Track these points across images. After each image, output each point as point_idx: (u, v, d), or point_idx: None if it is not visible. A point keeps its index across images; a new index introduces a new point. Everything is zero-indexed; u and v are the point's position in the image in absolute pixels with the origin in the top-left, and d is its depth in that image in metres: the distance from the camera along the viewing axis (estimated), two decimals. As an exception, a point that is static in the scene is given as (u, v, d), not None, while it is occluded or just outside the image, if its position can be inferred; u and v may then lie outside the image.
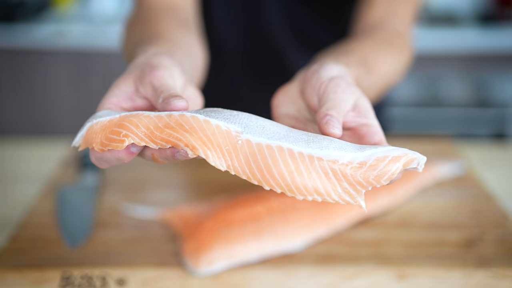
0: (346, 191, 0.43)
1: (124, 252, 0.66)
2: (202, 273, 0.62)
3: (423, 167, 0.45)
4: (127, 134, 0.45)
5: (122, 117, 0.47)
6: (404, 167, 0.44)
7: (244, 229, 0.66)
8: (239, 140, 0.44)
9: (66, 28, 2.01)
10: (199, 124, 0.44)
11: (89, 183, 0.80)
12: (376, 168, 0.43)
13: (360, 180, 0.43)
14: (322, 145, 0.44)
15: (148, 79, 0.49)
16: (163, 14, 0.70)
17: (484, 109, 2.02)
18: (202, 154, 0.44)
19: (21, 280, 0.62)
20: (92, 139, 0.47)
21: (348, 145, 0.44)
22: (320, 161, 0.43)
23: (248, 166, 0.44)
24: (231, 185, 0.82)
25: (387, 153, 0.44)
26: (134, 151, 0.46)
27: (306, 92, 0.51)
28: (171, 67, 0.50)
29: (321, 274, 0.63)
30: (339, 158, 0.43)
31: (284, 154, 0.44)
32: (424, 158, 0.45)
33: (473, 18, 2.11)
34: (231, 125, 0.45)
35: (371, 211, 0.73)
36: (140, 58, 0.53)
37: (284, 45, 0.92)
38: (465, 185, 0.83)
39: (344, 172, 0.43)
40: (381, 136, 0.49)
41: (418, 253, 0.67)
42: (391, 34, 0.72)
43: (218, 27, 0.92)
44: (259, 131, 0.45)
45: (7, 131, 2.06)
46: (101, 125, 0.47)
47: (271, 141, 0.44)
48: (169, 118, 0.45)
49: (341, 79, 0.50)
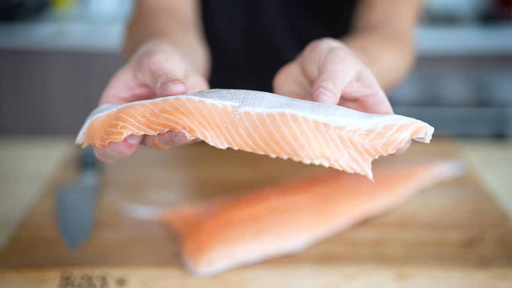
0: (353, 159, 0.42)
1: (124, 252, 0.66)
2: (202, 273, 0.62)
3: (431, 138, 0.44)
4: (124, 125, 0.45)
5: (119, 110, 0.46)
6: (412, 136, 0.43)
7: (244, 229, 0.66)
8: (236, 115, 0.43)
9: (66, 28, 2.01)
10: (194, 105, 0.44)
11: (89, 183, 0.80)
12: (384, 136, 0.42)
13: (368, 147, 0.42)
14: (328, 111, 0.43)
15: (146, 64, 0.48)
16: (163, 15, 0.69)
17: (484, 109, 2.02)
18: (200, 135, 0.43)
19: (21, 280, 0.62)
20: (93, 136, 0.47)
21: (355, 113, 0.43)
22: (327, 127, 0.42)
23: (250, 137, 0.43)
24: (231, 185, 0.82)
25: (395, 121, 0.43)
26: (133, 143, 0.46)
27: (307, 66, 0.50)
28: (170, 52, 0.49)
29: (321, 274, 0.63)
30: (347, 125, 0.42)
31: (287, 120, 0.42)
32: (432, 128, 0.44)
33: (473, 18, 2.11)
34: (227, 102, 0.44)
35: (371, 211, 0.73)
36: (141, 48, 0.52)
37: (284, 46, 0.92)
38: (465, 185, 0.83)
39: (352, 139, 0.42)
40: (388, 106, 0.47)
41: (418, 253, 0.67)
42: (393, 34, 0.71)
43: (218, 28, 0.92)
44: (258, 102, 0.44)
45: (7, 131, 2.06)
46: (100, 120, 0.47)
47: (272, 109, 0.43)
48: (164, 102, 0.45)
49: (341, 49, 0.48)
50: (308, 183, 0.76)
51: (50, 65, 2.00)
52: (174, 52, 0.50)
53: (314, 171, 0.83)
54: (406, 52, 0.71)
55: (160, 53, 0.48)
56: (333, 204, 0.71)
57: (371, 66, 0.57)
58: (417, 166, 0.83)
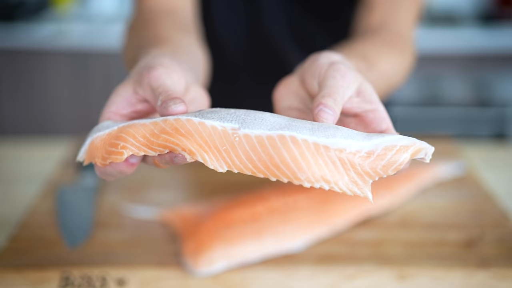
0: (353, 181, 0.42)
1: (124, 252, 0.66)
2: (202, 273, 0.62)
3: (430, 157, 0.43)
4: (125, 145, 0.45)
5: (120, 129, 0.46)
6: (412, 157, 0.43)
7: (244, 229, 0.66)
8: (236, 137, 0.43)
9: (66, 27, 2.01)
10: (194, 127, 0.44)
11: (89, 183, 0.80)
12: (384, 158, 0.42)
13: (368, 170, 0.42)
14: (328, 133, 0.42)
15: (146, 80, 0.48)
16: (163, 18, 0.69)
17: (484, 109, 2.02)
18: (200, 158, 0.43)
19: (20, 280, 0.62)
20: (94, 154, 0.47)
21: (355, 133, 0.43)
22: (327, 149, 0.42)
23: (249, 160, 0.43)
24: (231, 185, 0.82)
25: (395, 142, 0.42)
26: (134, 162, 0.46)
27: (307, 81, 0.50)
28: (170, 66, 0.49)
29: (321, 274, 0.63)
30: (347, 147, 0.42)
31: (286, 142, 0.42)
32: (432, 148, 0.43)
33: (473, 18, 2.11)
34: (227, 124, 0.44)
35: (372, 211, 0.73)
36: (141, 62, 0.52)
37: (285, 48, 0.91)
38: (466, 185, 0.83)
39: (352, 161, 0.42)
40: (388, 122, 0.47)
41: (418, 253, 0.66)
42: (393, 36, 0.71)
43: (218, 30, 0.91)
44: (257, 123, 0.43)
45: (7, 131, 2.06)
46: (101, 139, 0.47)
47: (272, 132, 0.42)
48: (164, 123, 0.45)
49: (341, 64, 0.48)
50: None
51: (50, 65, 2.00)
52: (174, 66, 0.50)
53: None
54: (406, 54, 0.70)
55: (160, 68, 0.48)
56: (333, 204, 0.71)
57: (370, 72, 0.57)
58: (417, 166, 0.83)
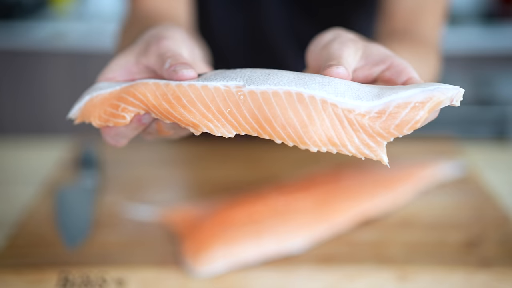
0: (364, 143, 0.39)
1: (123, 253, 0.66)
2: (201, 273, 0.62)
3: (461, 99, 0.39)
4: (125, 108, 0.43)
5: (122, 89, 0.44)
6: (431, 112, 0.39)
7: (243, 229, 0.66)
8: (241, 95, 0.41)
9: (65, 27, 2.00)
10: (196, 93, 0.42)
11: (88, 183, 0.80)
12: (397, 117, 0.38)
13: (380, 130, 0.39)
14: (338, 90, 0.39)
15: (154, 48, 0.45)
16: (159, 22, 0.67)
17: (486, 108, 2.02)
18: (205, 129, 0.41)
19: (19, 281, 0.62)
20: (90, 113, 0.45)
21: (367, 91, 0.40)
22: (335, 107, 0.39)
23: (255, 119, 0.40)
24: (231, 185, 0.82)
25: (408, 98, 0.39)
26: (146, 122, 0.44)
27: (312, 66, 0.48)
28: (180, 39, 0.47)
29: (321, 275, 0.63)
30: (356, 108, 0.39)
31: (293, 101, 0.39)
32: (457, 90, 0.39)
33: (475, 17, 2.10)
34: (231, 82, 0.41)
35: (372, 212, 0.73)
36: (149, 31, 0.49)
37: (285, 51, 0.91)
38: (467, 185, 0.82)
39: (361, 122, 0.39)
40: (409, 72, 0.43)
41: (419, 253, 0.66)
42: (417, 41, 0.66)
43: (217, 34, 0.91)
44: (263, 79, 0.41)
45: (6, 131, 2.06)
46: (102, 98, 0.45)
47: (278, 87, 0.40)
48: (166, 87, 0.42)
49: (333, 40, 0.45)
50: (308, 182, 0.76)
51: (49, 65, 2.00)
52: (184, 38, 0.47)
53: (315, 170, 0.82)
54: (431, 58, 0.66)
55: (170, 39, 0.46)
56: (333, 204, 0.71)
57: None
58: (418, 166, 0.82)
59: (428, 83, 0.40)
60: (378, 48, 0.45)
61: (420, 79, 0.43)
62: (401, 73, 0.43)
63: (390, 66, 0.44)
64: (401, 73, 0.43)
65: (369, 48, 0.45)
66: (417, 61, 0.62)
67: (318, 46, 0.47)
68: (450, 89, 0.39)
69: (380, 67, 0.44)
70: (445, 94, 0.39)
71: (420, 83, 0.41)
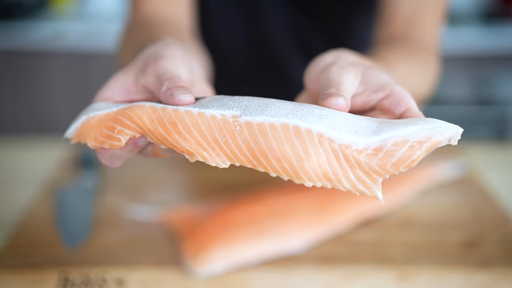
0: (360, 180, 0.38)
1: (124, 253, 0.66)
2: (201, 273, 0.62)
3: (459, 138, 0.39)
4: (121, 130, 0.43)
5: (119, 111, 0.44)
6: (428, 152, 0.38)
7: (244, 229, 0.66)
8: (237, 126, 0.40)
9: (65, 27, 2.00)
10: (193, 120, 0.41)
11: (88, 183, 0.80)
12: (394, 155, 0.38)
13: (376, 168, 0.38)
14: (335, 125, 0.39)
15: (152, 68, 0.45)
16: (161, 26, 0.66)
17: (486, 108, 2.02)
18: (200, 158, 0.41)
19: (19, 281, 0.62)
20: (86, 133, 0.45)
21: (364, 126, 0.39)
22: (332, 142, 0.38)
23: (250, 151, 0.40)
24: (231, 185, 0.82)
25: (407, 137, 0.38)
26: (141, 145, 0.44)
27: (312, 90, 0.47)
28: (179, 57, 0.46)
29: (321, 275, 0.63)
30: (352, 144, 0.38)
31: (290, 134, 0.39)
32: (455, 130, 0.39)
33: (475, 17, 2.10)
34: (228, 111, 0.41)
35: (372, 212, 0.73)
36: (149, 48, 0.48)
37: (286, 55, 0.90)
38: (467, 185, 0.82)
39: (358, 159, 0.38)
40: (407, 103, 0.42)
41: (418, 253, 0.66)
42: (416, 47, 0.66)
43: (219, 38, 0.90)
44: (261, 109, 0.40)
45: (6, 131, 2.06)
46: (98, 119, 0.45)
47: (275, 119, 0.39)
48: (163, 112, 0.42)
49: (333, 64, 0.45)
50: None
51: (49, 65, 2.00)
52: (183, 57, 0.47)
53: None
54: (430, 64, 0.66)
55: (168, 59, 0.45)
56: (333, 205, 0.71)
57: (389, 71, 0.53)
58: (418, 166, 0.82)
59: (426, 120, 0.39)
60: (377, 74, 0.44)
61: (419, 112, 0.42)
62: (400, 103, 0.43)
63: (389, 95, 0.43)
64: (399, 102, 0.43)
65: (369, 74, 0.44)
66: (416, 68, 0.62)
67: (317, 69, 0.46)
68: (449, 129, 0.39)
69: (379, 95, 0.43)
70: (444, 135, 0.39)
71: (418, 118, 0.40)
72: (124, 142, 0.43)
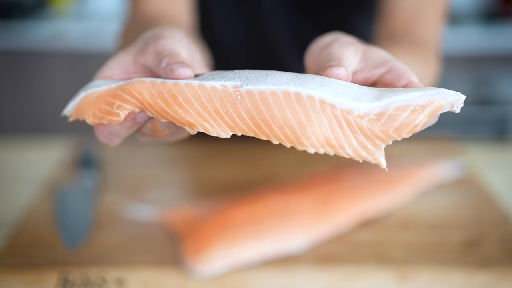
0: (362, 146, 0.38)
1: (123, 253, 0.66)
2: (201, 273, 0.62)
3: (462, 105, 0.39)
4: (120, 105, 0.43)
5: (118, 86, 0.44)
6: (430, 117, 0.38)
7: (244, 229, 0.66)
8: (238, 95, 0.40)
9: (64, 27, 2.00)
10: (193, 92, 0.41)
11: (88, 183, 0.80)
12: (397, 120, 0.38)
13: (379, 133, 0.38)
14: (337, 91, 0.39)
15: (151, 47, 0.45)
16: (161, 22, 0.67)
17: (486, 109, 2.02)
18: (201, 129, 0.41)
19: (19, 281, 0.62)
20: (85, 110, 0.45)
21: (366, 93, 0.39)
22: (333, 108, 0.38)
23: (252, 120, 0.40)
24: (231, 185, 0.81)
25: (409, 101, 0.38)
26: (141, 121, 0.44)
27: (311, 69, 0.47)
28: (179, 39, 0.46)
29: (321, 275, 0.63)
30: (354, 109, 0.38)
31: (291, 101, 0.39)
32: (458, 96, 0.38)
33: (475, 16, 2.10)
34: (228, 82, 0.41)
35: (372, 212, 0.73)
36: (148, 31, 0.49)
37: (286, 54, 0.90)
38: (467, 185, 0.82)
39: (360, 124, 0.38)
40: (408, 76, 0.43)
41: (419, 254, 0.66)
42: (416, 44, 0.66)
43: (218, 37, 0.90)
44: (261, 79, 0.40)
45: (6, 131, 2.06)
46: (97, 95, 0.45)
47: (276, 87, 0.39)
48: (163, 86, 0.42)
49: (333, 42, 0.45)
50: (309, 183, 0.76)
51: (49, 65, 2.00)
52: (183, 39, 0.47)
53: (315, 170, 0.82)
54: (430, 61, 0.66)
55: (169, 39, 0.45)
56: (333, 205, 0.71)
57: None
58: (418, 166, 0.82)
59: (429, 87, 0.39)
60: (378, 51, 0.45)
61: (420, 84, 0.42)
62: (401, 77, 0.43)
63: (390, 70, 0.43)
64: (401, 76, 0.43)
65: (369, 51, 0.45)
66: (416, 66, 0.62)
67: (318, 48, 0.47)
68: (451, 94, 0.39)
69: (380, 70, 0.44)
70: (446, 99, 0.38)
71: (420, 87, 0.40)
72: (123, 117, 0.43)
